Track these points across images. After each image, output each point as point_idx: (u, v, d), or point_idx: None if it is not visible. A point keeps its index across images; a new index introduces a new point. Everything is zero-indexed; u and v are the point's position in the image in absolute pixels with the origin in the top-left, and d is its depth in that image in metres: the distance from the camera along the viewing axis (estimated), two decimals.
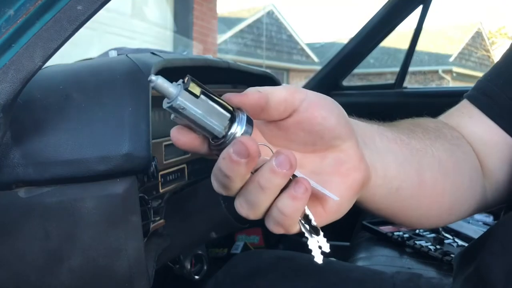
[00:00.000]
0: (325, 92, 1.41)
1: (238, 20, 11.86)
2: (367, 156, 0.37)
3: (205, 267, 1.01)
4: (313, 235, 0.33)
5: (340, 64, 1.42)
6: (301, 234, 0.33)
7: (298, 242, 1.28)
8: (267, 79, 1.15)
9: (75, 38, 0.49)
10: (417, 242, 1.04)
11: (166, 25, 5.35)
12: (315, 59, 13.28)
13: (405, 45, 1.43)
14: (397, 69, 1.43)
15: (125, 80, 0.58)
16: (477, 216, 1.22)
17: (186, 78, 0.31)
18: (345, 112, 0.36)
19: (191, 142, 0.33)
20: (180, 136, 0.33)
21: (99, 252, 0.56)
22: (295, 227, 0.33)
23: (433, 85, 11.84)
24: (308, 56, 13.48)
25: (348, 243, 1.24)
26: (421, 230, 1.13)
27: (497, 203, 0.51)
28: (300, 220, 0.32)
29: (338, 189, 0.34)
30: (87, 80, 0.59)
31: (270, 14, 12.64)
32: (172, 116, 0.32)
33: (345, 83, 1.48)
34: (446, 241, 1.08)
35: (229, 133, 0.32)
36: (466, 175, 0.47)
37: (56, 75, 0.60)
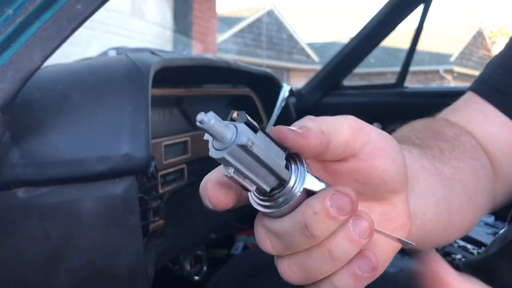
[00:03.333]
0: (326, 92, 1.39)
1: (238, 20, 11.86)
2: (412, 205, 0.32)
3: (205, 268, 1.01)
4: None
5: (340, 64, 1.41)
6: None
7: None
8: (267, 79, 1.14)
9: (74, 37, 0.49)
10: None
11: (166, 24, 5.35)
12: (316, 58, 13.28)
13: (405, 44, 1.43)
14: (398, 68, 1.43)
15: (124, 80, 0.58)
16: None
17: (234, 113, 0.24)
18: (405, 158, 0.30)
19: (234, 199, 0.26)
20: (222, 195, 0.26)
21: (98, 253, 0.56)
22: None
23: (434, 85, 11.83)
24: (308, 55, 13.48)
25: None
26: None
27: (504, 204, 0.50)
28: None
29: (380, 249, 0.29)
30: (86, 80, 0.58)
31: (270, 13, 12.64)
32: (227, 170, 0.24)
33: (346, 82, 1.48)
34: None
35: (292, 181, 0.25)
36: (485, 191, 0.45)
37: (55, 74, 0.60)
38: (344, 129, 0.27)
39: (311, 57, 13.42)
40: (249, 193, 0.26)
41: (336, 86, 1.45)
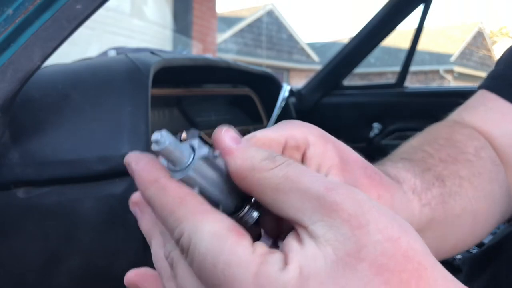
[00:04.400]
0: (326, 92, 1.39)
1: (238, 20, 11.85)
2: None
3: None
4: None
5: (340, 64, 1.41)
6: None
7: None
8: (267, 79, 1.14)
9: (74, 37, 0.49)
10: None
11: (166, 24, 5.35)
12: (316, 58, 13.28)
13: (406, 44, 1.43)
14: (398, 68, 1.43)
15: (124, 80, 0.58)
16: None
17: (183, 133, 0.23)
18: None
19: None
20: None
21: (98, 253, 0.55)
22: None
23: (434, 85, 11.83)
24: (308, 55, 13.48)
25: None
26: None
27: None
28: None
29: None
30: (86, 80, 0.58)
31: (270, 13, 12.63)
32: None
33: (346, 82, 1.48)
34: None
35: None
36: (497, 210, 0.42)
37: (55, 75, 0.60)
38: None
39: (311, 57, 13.42)
40: None
41: (336, 86, 1.45)
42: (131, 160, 0.24)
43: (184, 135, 0.22)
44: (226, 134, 0.23)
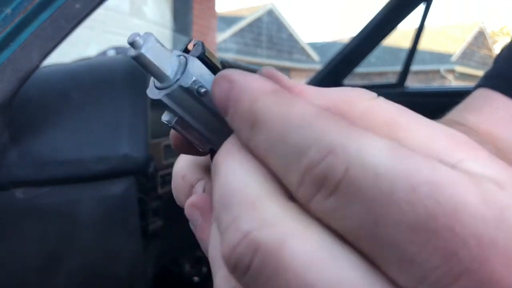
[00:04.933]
0: None
1: (238, 19, 11.86)
2: None
3: (205, 269, 1.01)
4: None
5: (341, 63, 1.41)
6: None
7: None
8: None
9: (73, 37, 0.49)
10: None
11: (165, 23, 5.35)
12: (316, 58, 13.28)
13: (406, 44, 1.42)
14: (399, 68, 1.43)
15: (123, 80, 0.57)
16: None
17: (190, 42, 0.18)
18: None
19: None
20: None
21: (97, 254, 0.55)
22: None
23: (435, 84, 11.84)
24: (308, 55, 13.48)
25: None
26: None
27: None
28: None
29: None
30: (85, 80, 0.58)
31: (270, 12, 12.63)
32: (168, 117, 0.18)
33: (346, 82, 1.48)
34: None
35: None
36: None
37: (54, 74, 0.60)
38: None
39: (311, 57, 13.43)
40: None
41: (336, 85, 1.44)
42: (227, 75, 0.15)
43: (190, 45, 0.17)
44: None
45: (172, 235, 0.77)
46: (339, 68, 1.42)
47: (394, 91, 1.42)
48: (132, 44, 0.15)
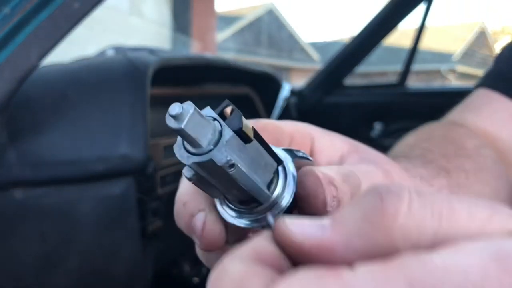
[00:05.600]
0: (327, 91, 1.38)
1: (238, 18, 11.85)
2: None
3: (204, 270, 1.01)
4: None
5: (341, 63, 1.41)
6: None
7: None
8: (268, 78, 1.14)
9: (72, 36, 0.48)
10: None
11: (165, 23, 5.35)
12: (317, 57, 13.28)
13: (407, 43, 1.42)
14: (400, 68, 1.42)
15: (122, 80, 0.57)
16: None
17: (228, 107, 0.18)
18: None
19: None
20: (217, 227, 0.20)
21: (96, 254, 0.55)
22: None
23: (436, 84, 11.83)
24: (309, 54, 13.48)
25: None
26: None
27: None
28: None
29: None
30: (84, 80, 0.58)
31: (270, 12, 12.63)
32: (190, 174, 0.18)
33: (347, 82, 1.47)
34: None
35: (275, 197, 0.20)
36: None
37: (52, 74, 0.60)
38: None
39: (311, 56, 13.42)
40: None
41: (337, 85, 1.44)
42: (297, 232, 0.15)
43: (228, 110, 0.18)
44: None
45: (172, 236, 0.77)
46: (339, 67, 1.42)
47: (395, 91, 1.42)
48: (175, 117, 0.16)
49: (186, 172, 0.18)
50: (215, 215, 0.21)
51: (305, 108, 1.39)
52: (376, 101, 1.43)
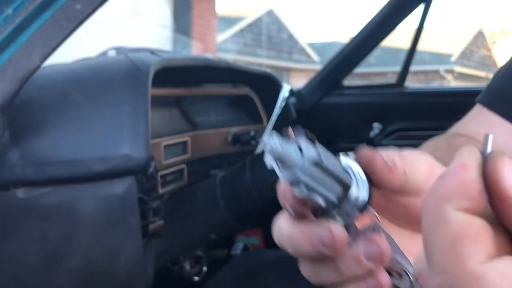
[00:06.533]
0: (326, 92, 1.38)
1: (238, 19, 11.85)
2: None
3: (205, 268, 1.01)
4: None
5: (341, 64, 1.41)
6: None
7: None
8: (267, 79, 1.14)
9: (74, 37, 0.49)
10: None
11: (166, 24, 5.35)
12: (316, 58, 13.27)
13: (406, 44, 1.42)
14: (398, 68, 1.43)
15: (124, 80, 0.58)
16: None
17: (289, 129, 0.23)
18: None
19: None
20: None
21: (97, 254, 0.55)
22: None
23: (434, 84, 11.83)
24: (308, 55, 13.48)
25: None
26: None
27: None
28: None
29: None
30: (85, 80, 0.58)
31: (270, 13, 12.63)
32: (300, 190, 0.22)
33: (346, 82, 1.48)
34: None
35: (354, 189, 0.25)
36: None
37: (54, 74, 0.60)
38: (421, 171, 0.27)
39: (311, 57, 13.42)
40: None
41: (336, 86, 1.45)
42: None
43: (290, 131, 0.23)
44: None
45: (172, 235, 0.77)
46: (339, 68, 1.42)
47: (394, 91, 1.42)
48: (271, 150, 0.21)
49: (297, 191, 0.22)
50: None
51: (304, 108, 1.39)
52: (375, 101, 1.44)
